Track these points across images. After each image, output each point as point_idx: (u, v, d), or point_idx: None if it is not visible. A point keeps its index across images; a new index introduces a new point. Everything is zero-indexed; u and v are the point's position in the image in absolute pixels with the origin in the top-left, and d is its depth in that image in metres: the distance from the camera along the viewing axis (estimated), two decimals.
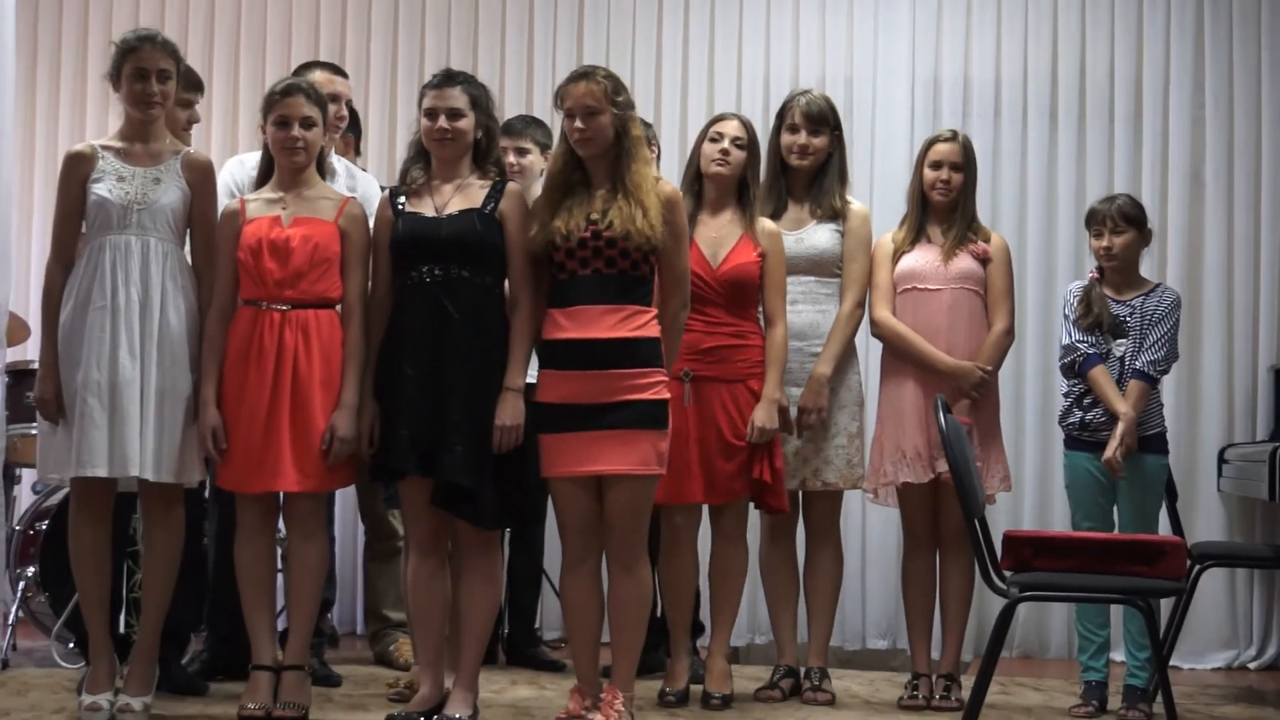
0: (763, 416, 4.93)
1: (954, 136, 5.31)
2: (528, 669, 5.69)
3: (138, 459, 4.47)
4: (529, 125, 5.75)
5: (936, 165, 5.26)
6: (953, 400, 5.04)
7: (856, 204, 5.32)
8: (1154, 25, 6.58)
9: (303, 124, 4.62)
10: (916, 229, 5.28)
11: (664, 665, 5.19)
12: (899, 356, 5.23)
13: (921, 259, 5.22)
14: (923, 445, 5.13)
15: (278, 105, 4.63)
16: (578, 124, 4.49)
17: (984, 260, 5.22)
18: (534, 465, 4.51)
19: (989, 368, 5.17)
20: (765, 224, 5.09)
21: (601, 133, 4.48)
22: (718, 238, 5.03)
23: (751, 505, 5.14)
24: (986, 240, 5.26)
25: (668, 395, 4.48)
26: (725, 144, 5.07)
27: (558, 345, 4.46)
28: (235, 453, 4.54)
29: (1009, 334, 5.27)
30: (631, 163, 4.49)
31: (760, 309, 5.09)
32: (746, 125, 5.14)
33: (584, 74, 4.56)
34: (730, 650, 5.30)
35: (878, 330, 5.27)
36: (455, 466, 4.39)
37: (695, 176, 5.14)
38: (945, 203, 5.25)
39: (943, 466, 5.02)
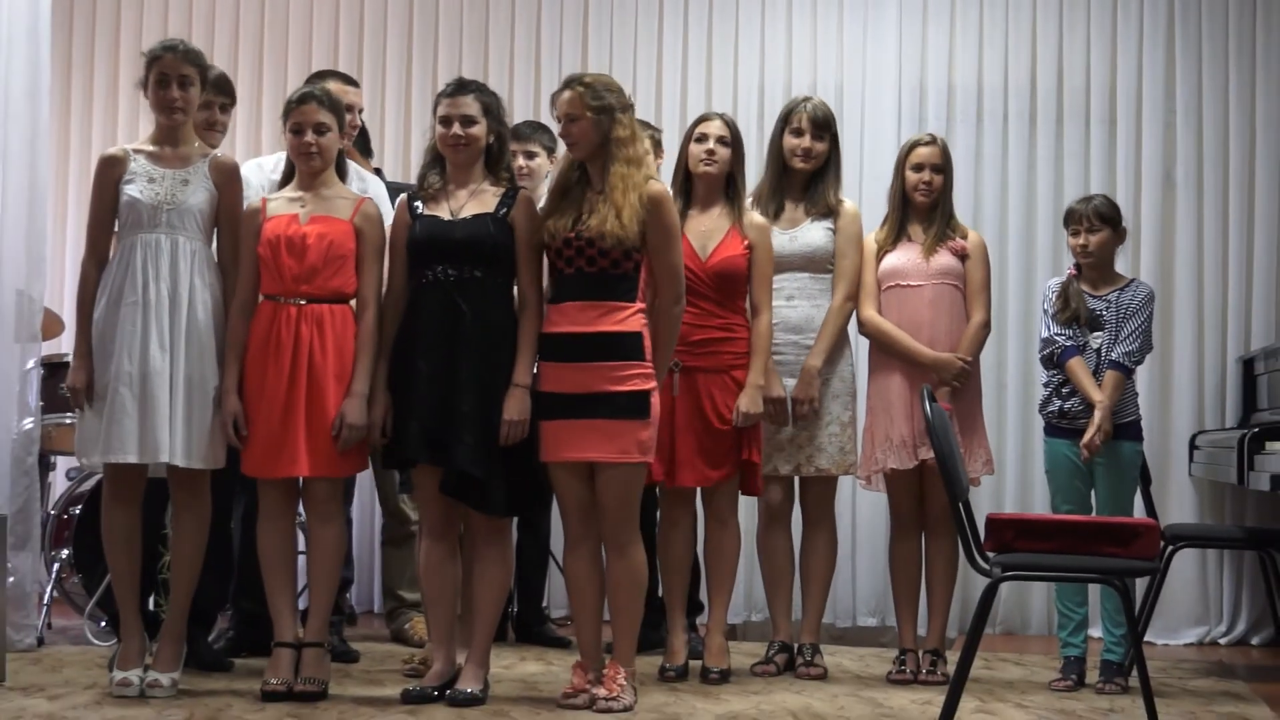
0: (746, 402, 4.91)
1: (933, 140, 5.31)
2: (536, 646, 5.69)
3: (167, 445, 4.47)
4: (536, 130, 5.76)
5: (918, 168, 5.25)
6: (935, 389, 5.03)
7: (848, 203, 5.32)
8: (1127, 35, 6.57)
9: (316, 130, 4.61)
10: (898, 229, 5.27)
11: (665, 642, 5.18)
12: (884, 351, 5.22)
13: (904, 257, 5.21)
14: (908, 433, 5.13)
15: (294, 113, 4.63)
16: (561, 130, 4.54)
17: (963, 256, 5.21)
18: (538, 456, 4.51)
19: (968, 358, 5.16)
20: (753, 217, 5.06)
21: (583, 136, 4.49)
22: (707, 231, 5.01)
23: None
24: (965, 237, 5.25)
25: (648, 386, 4.46)
26: (710, 144, 5.04)
27: (549, 339, 4.48)
28: (255, 440, 4.54)
29: (986, 326, 5.25)
30: (611, 164, 4.49)
31: (748, 301, 5.07)
32: (729, 123, 5.10)
33: (567, 83, 4.58)
34: (728, 627, 5.28)
35: (864, 329, 5.26)
36: (465, 457, 4.38)
37: (685, 176, 5.12)
38: (927, 203, 5.24)
39: (927, 453, 5.03)
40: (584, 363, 4.41)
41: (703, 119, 5.14)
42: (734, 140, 5.08)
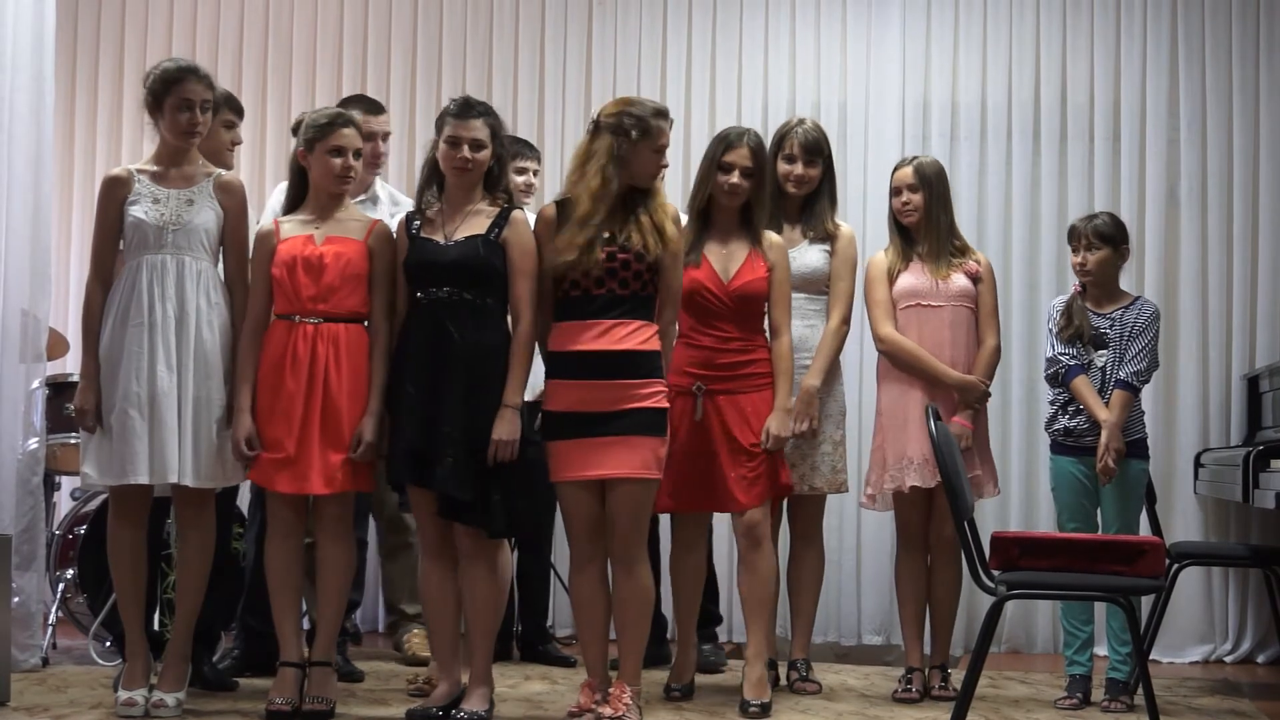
0: (776, 425, 4.83)
1: (908, 162, 5.33)
2: (540, 664, 5.69)
3: (176, 466, 4.49)
4: (530, 146, 5.83)
5: (896, 191, 5.30)
6: (951, 411, 5.07)
7: (845, 226, 5.31)
8: (1131, 52, 6.59)
9: (355, 155, 4.65)
10: (901, 250, 5.29)
11: (671, 658, 5.18)
12: (904, 370, 5.21)
13: (920, 277, 5.22)
14: (929, 452, 5.08)
15: (333, 136, 4.62)
16: (664, 162, 4.58)
17: (976, 279, 5.22)
18: (541, 475, 4.52)
19: (987, 381, 5.18)
20: (771, 238, 4.99)
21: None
22: (727, 254, 4.93)
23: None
24: (976, 259, 5.26)
25: (666, 404, 4.49)
26: (735, 177, 4.92)
27: (569, 356, 4.47)
28: (270, 456, 4.55)
29: (998, 350, 5.28)
30: (656, 190, 4.56)
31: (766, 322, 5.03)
32: (754, 150, 4.96)
33: (665, 113, 4.61)
34: (731, 646, 5.29)
35: (884, 346, 5.23)
36: (446, 478, 4.39)
37: (705, 199, 5.00)
38: (914, 223, 5.26)
39: None
40: (607, 380, 4.41)
41: (730, 145, 4.97)
42: (758, 170, 4.95)
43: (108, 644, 5.45)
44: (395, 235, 4.67)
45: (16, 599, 5.08)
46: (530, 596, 5.84)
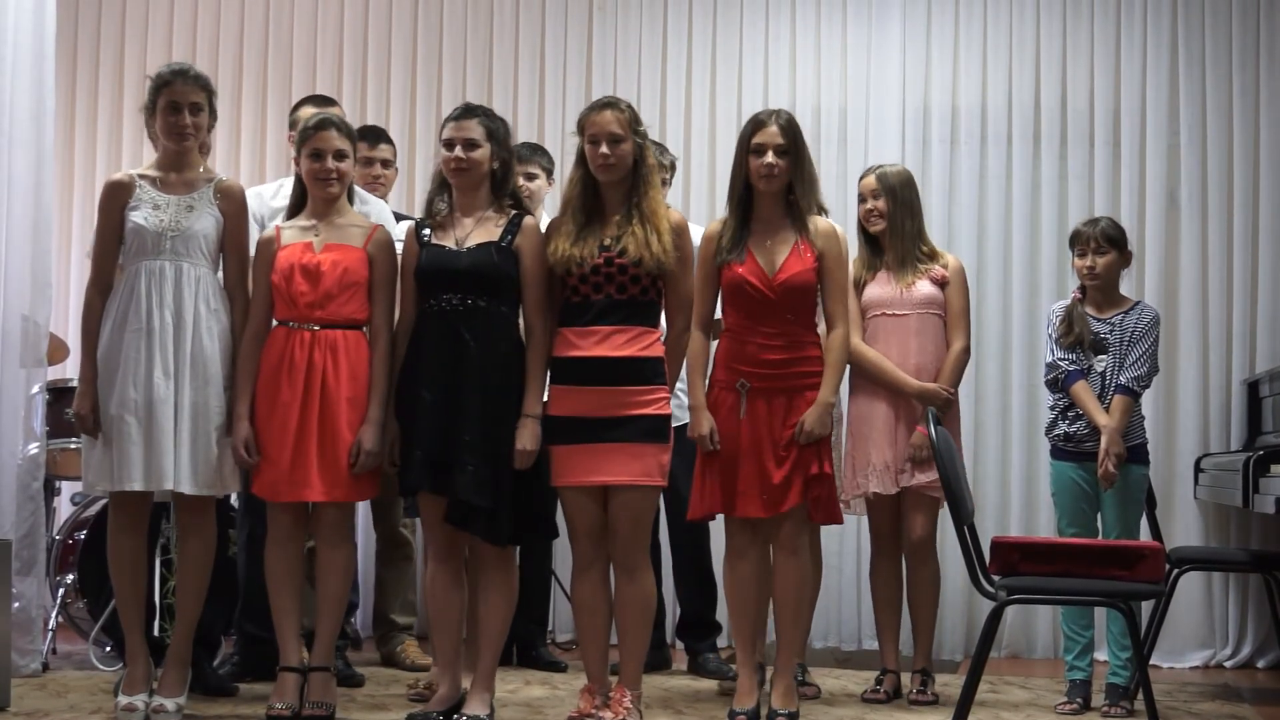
0: (813, 420, 4.56)
1: (873, 170, 5.36)
2: (532, 668, 5.71)
3: (172, 473, 4.50)
4: (535, 151, 5.83)
5: (861, 199, 5.33)
6: (915, 419, 5.09)
7: (837, 226, 5.29)
8: (1131, 56, 6.61)
9: (335, 156, 4.66)
10: (869, 258, 5.32)
11: (670, 663, 5.19)
12: (868, 379, 5.26)
13: (885, 286, 5.27)
14: (890, 459, 5.17)
15: (312, 139, 4.65)
16: (603, 150, 4.48)
17: (942, 284, 5.25)
18: (548, 481, 4.55)
19: (951, 389, 5.20)
20: (819, 223, 4.70)
21: (623, 160, 4.49)
22: (772, 245, 4.66)
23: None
24: (943, 264, 5.29)
25: (669, 411, 4.50)
26: (769, 156, 4.64)
27: (569, 363, 4.49)
28: (267, 464, 4.57)
29: (966, 352, 5.29)
30: (648, 189, 4.51)
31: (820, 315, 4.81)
32: (784, 128, 4.66)
33: (609, 103, 4.56)
34: (731, 652, 5.31)
35: (850, 356, 5.24)
36: (467, 486, 4.41)
37: (744, 190, 4.71)
38: (880, 231, 5.29)
39: (908, 479, 5.13)
40: (607, 386, 4.42)
41: (758, 125, 4.69)
42: (793, 145, 4.67)
43: (108, 649, 5.47)
44: (404, 241, 4.69)
45: (16, 604, 5.10)
46: (528, 600, 5.84)
